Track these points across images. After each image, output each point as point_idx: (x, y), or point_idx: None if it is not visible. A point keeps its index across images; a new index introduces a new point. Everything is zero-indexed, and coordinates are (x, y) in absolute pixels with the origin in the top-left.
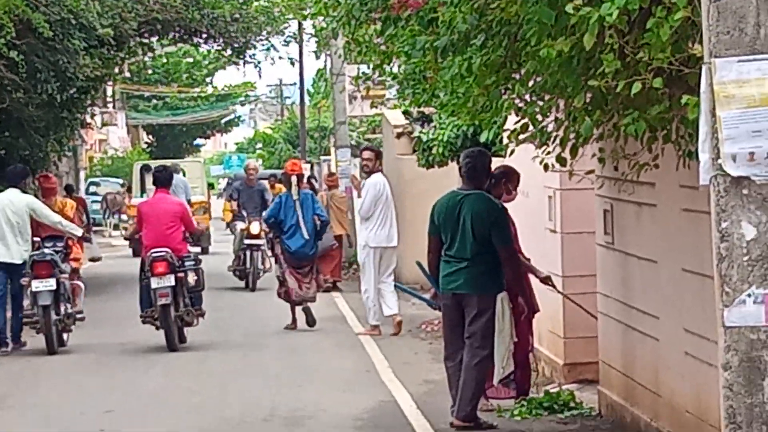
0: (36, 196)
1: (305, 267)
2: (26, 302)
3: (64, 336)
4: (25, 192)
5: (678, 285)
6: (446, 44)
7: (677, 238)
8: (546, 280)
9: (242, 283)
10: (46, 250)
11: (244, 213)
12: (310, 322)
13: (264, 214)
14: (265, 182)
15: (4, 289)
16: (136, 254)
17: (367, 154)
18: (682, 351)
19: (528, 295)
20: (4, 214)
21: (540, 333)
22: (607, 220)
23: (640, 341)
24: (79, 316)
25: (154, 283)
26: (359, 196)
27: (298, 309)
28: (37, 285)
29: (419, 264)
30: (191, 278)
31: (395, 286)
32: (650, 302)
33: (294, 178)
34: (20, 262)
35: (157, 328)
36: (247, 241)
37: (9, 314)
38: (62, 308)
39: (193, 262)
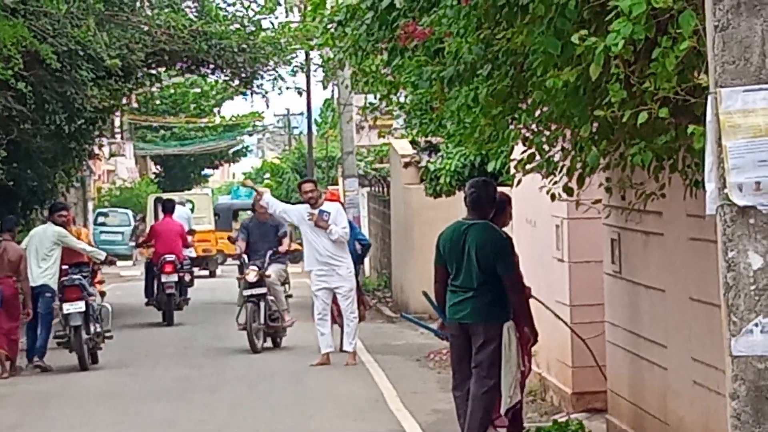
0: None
1: None
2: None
3: (98, 353)
4: (57, 224)
5: (685, 314)
6: (452, 75)
7: (684, 267)
8: None
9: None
10: (75, 276)
11: (245, 258)
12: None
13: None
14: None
15: (33, 311)
16: None
17: (309, 186)
18: (690, 380)
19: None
20: (34, 243)
21: (548, 362)
22: (615, 249)
23: (648, 370)
24: (107, 334)
25: (164, 278)
26: (320, 226)
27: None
28: (67, 308)
29: (426, 294)
30: (187, 277)
31: (402, 316)
32: (658, 331)
33: None
34: (39, 284)
35: (159, 309)
36: (246, 293)
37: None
38: (92, 328)
39: (189, 266)
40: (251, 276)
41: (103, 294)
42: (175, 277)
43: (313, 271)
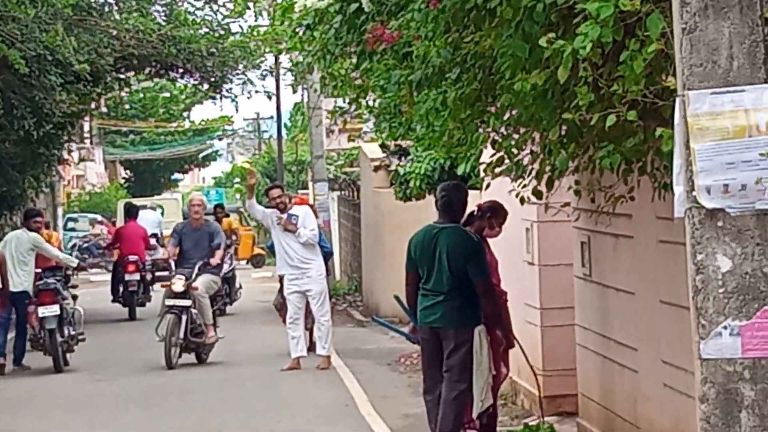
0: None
1: None
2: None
3: (68, 356)
4: (31, 230)
5: (655, 316)
6: (421, 78)
7: (654, 269)
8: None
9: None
10: (50, 280)
11: (172, 264)
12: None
13: (266, 243)
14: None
15: (9, 315)
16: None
17: (276, 192)
18: (660, 383)
19: (506, 329)
20: (9, 248)
21: (519, 366)
22: (585, 252)
23: (618, 373)
24: (80, 337)
25: (127, 277)
26: (288, 229)
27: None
28: (43, 311)
29: (397, 298)
30: (148, 276)
31: (374, 319)
32: (628, 334)
33: None
34: (20, 290)
35: (123, 306)
36: (168, 302)
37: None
38: (66, 331)
39: (150, 266)
40: (177, 285)
41: (75, 297)
42: (137, 276)
43: (285, 275)
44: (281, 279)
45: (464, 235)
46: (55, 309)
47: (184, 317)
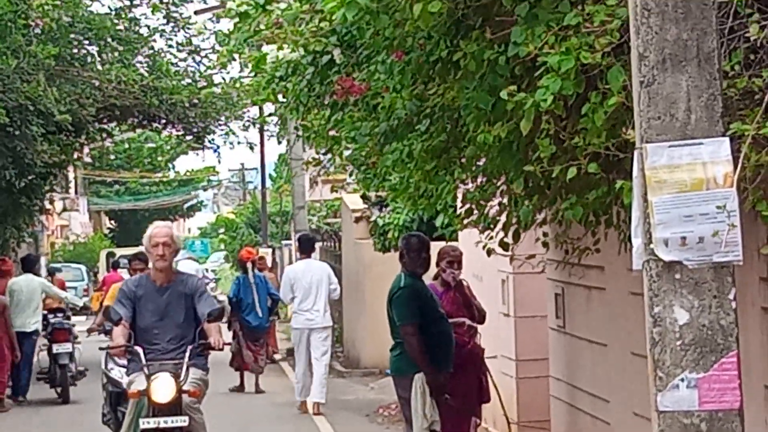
0: None
1: (260, 339)
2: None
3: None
4: (37, 275)
5: (627, 368)
6: (386, 130)
7: (626, 321)
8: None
9: None
10: (64, 321)
11: (141, 353)
12: (259, 389)
13: (229, 292)
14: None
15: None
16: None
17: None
18: None
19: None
20: (19, 293)
21: (494, 417)
22: (559, 304)
23: (591, 425)
24: (84, 372)
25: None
26: None
27: (248, 375)
28: (57, 348)
29: None
30: None
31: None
32: (600, 386)
33: (249, 264)
34: (30, 330)
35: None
36: (146, 424)
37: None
38: (73, 367)
39: None
40: (161, 391)
41: (75, 337)
42: None
43: None
44: (229, 324)
45: (395, 281)
46: (68, 346)
47: None
